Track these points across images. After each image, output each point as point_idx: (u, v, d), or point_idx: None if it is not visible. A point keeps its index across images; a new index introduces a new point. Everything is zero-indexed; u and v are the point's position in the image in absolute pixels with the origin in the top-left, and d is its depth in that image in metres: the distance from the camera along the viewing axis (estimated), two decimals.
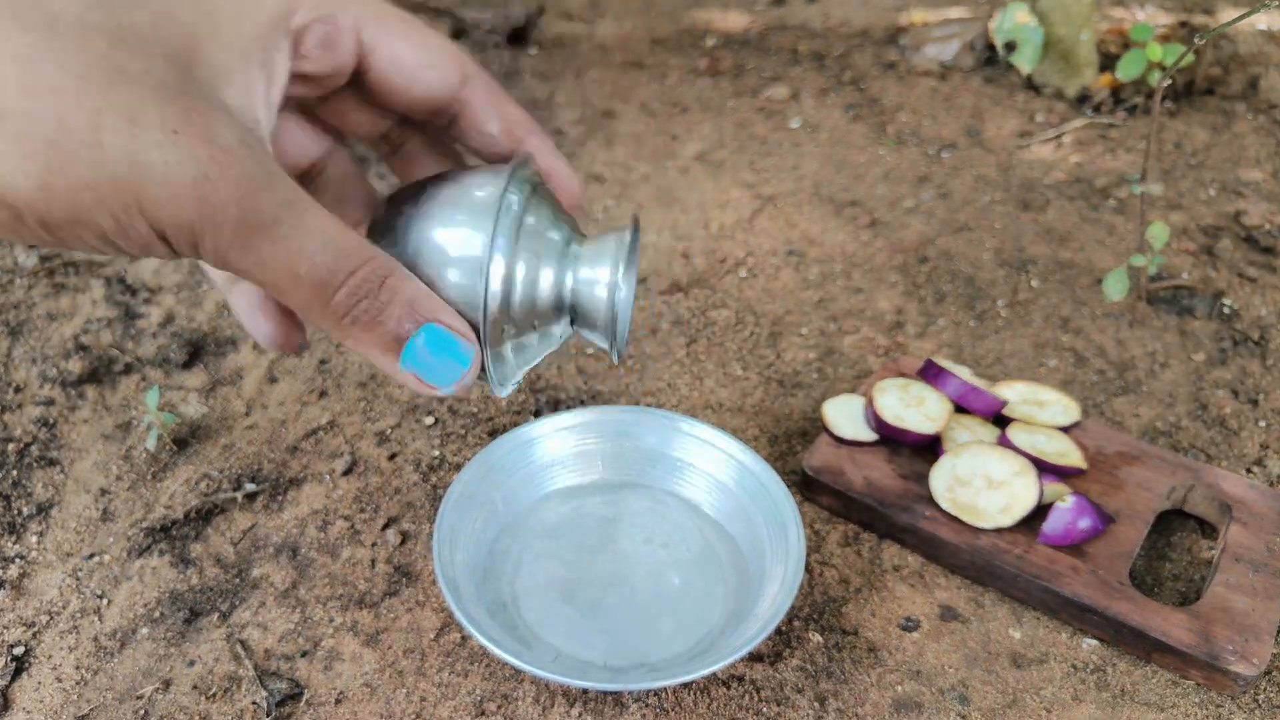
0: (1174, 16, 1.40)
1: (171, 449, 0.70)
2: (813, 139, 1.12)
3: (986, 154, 1.09)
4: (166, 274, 0.86)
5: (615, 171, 1.05)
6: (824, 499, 0.64)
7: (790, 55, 1.33)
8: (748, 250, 0.92)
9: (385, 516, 0.65)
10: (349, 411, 0.73)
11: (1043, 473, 0.60)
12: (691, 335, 0.81)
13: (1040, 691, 0.54)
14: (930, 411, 0.64)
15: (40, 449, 0.70)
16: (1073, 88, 1.19)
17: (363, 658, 0.56)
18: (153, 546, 0.63)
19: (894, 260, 0.91)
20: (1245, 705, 0.53)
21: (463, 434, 0.71)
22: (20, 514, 0.65)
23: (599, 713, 0.53)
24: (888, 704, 0.53)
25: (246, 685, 0.54)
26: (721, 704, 0.53)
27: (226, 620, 0.58)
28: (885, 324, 0.82)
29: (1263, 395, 0.74)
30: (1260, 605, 0.54)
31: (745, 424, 0.72)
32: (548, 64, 1.29)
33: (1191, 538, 0.63)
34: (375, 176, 1.00)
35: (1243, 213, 0.95)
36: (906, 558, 0.61)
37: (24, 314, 0.80)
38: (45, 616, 0.59)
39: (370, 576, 0.61)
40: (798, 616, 0.58)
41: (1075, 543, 0.58)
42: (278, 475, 0.68)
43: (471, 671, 0.55)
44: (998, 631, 0.57)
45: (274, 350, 0.42)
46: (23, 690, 0.55)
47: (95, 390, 0.75)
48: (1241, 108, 1.15)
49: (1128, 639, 0.55)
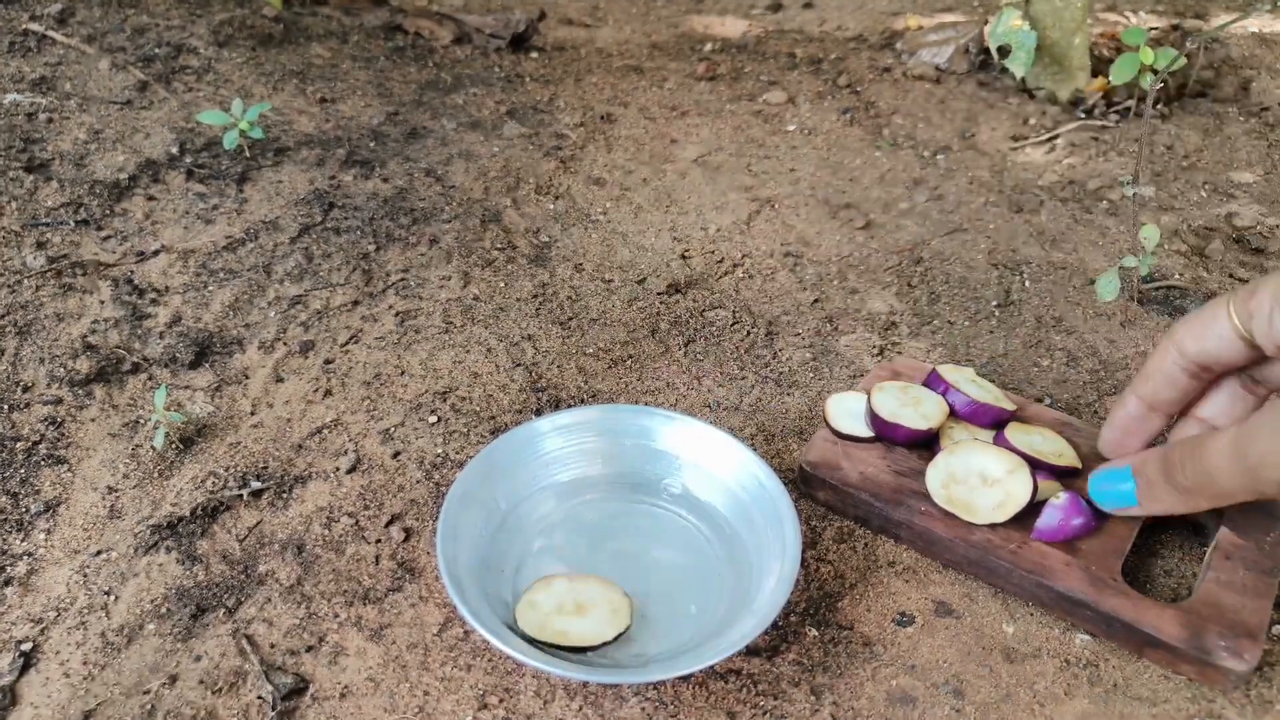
0: (1166, 20, 1.41)
1: (178, 447, 0.71)
2: (809, 142, 1.13)
3: (980, 157, 1.10)
4: (173, 275, 0.87)
5: (615, 174, 1.06)
6: (820, 494, 0.65)
7: (787, 60, 1.34)
8: (745, 252, 0.93)
9: (389, 513, 0.65)
10: (353, 410, 0.74)
11: (1037, 470, 0.61)
12: (689, 335, 0.82)
13: (1033, 686, 0.55)
14: (926, 411, 0.65)
15: (48, 447, 0.71)
16: (1066, 91, 1.20)
17: (367, 652, 0.57)
18: (159, 543, 0.64)
19: (889, 262, 0.92)
20: (1237, 701, 0.54)
21: (465, 432, 0.72)
22: (28, 511, 0.66)
23: (599, 705, 0.54)
24: (883, 698, 0.54)
25: (252, 680, 0.55)
26: (719, 697, 0.54)
27: (232, 616, 0.59)
28: (880, 324, 0.83)
29: None
30: (1251, 602, 0.55)
31: (742, 422, 0.73)
32: (548, 69, 1.30)
33: (1183, 535, 0.64)
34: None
35: (1234, 214, 0.96)
36: (901, 553, 0.62)
37: (32, 314, 0.81)
38: (53, 613, 0.60)
39: (374, 573, 0.61)
40: (794, 611, 0.59)
41: (1068, 539, 0.59)
42: (283, 473, 0.69)
43: (474, 666, 0.56)
44: (991, 626, 0.58)
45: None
46: (30, 686, 0.55)
47: (103, 390, 0.76)
48: (1233, 111, 1.16)
49: (1120, 634, 0.55)
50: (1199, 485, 0.52)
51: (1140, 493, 0.56)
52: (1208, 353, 0.55)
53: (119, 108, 1.08)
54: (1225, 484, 0.51)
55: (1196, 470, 0.52)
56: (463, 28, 1.35)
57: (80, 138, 1.02)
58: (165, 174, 0.99)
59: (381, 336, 0.81)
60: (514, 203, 1.00)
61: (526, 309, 0.85)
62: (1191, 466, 0.52)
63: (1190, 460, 0.53)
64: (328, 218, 0.95)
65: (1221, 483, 0.51)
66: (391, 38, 1.33)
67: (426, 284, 0.88)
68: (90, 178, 0.97)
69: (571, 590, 0.56)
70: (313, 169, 1.03)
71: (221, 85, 1.15)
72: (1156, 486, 0.55)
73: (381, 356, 0.79)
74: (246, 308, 0.84)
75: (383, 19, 1.37)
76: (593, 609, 0.55)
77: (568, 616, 0.55)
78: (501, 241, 0.94)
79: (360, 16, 1.37)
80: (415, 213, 0.97)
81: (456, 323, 0.83)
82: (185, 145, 1.03)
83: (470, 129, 1.13)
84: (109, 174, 0.98)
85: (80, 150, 1.01)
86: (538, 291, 0.87)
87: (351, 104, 1.16)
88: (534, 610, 0.55)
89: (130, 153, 1.01)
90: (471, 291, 0.87)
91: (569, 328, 0.83)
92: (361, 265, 0.90)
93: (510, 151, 1.09)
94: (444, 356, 0.79)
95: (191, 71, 1.17)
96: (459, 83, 1.24)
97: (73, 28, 1.20)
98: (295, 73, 1.20)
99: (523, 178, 1.04)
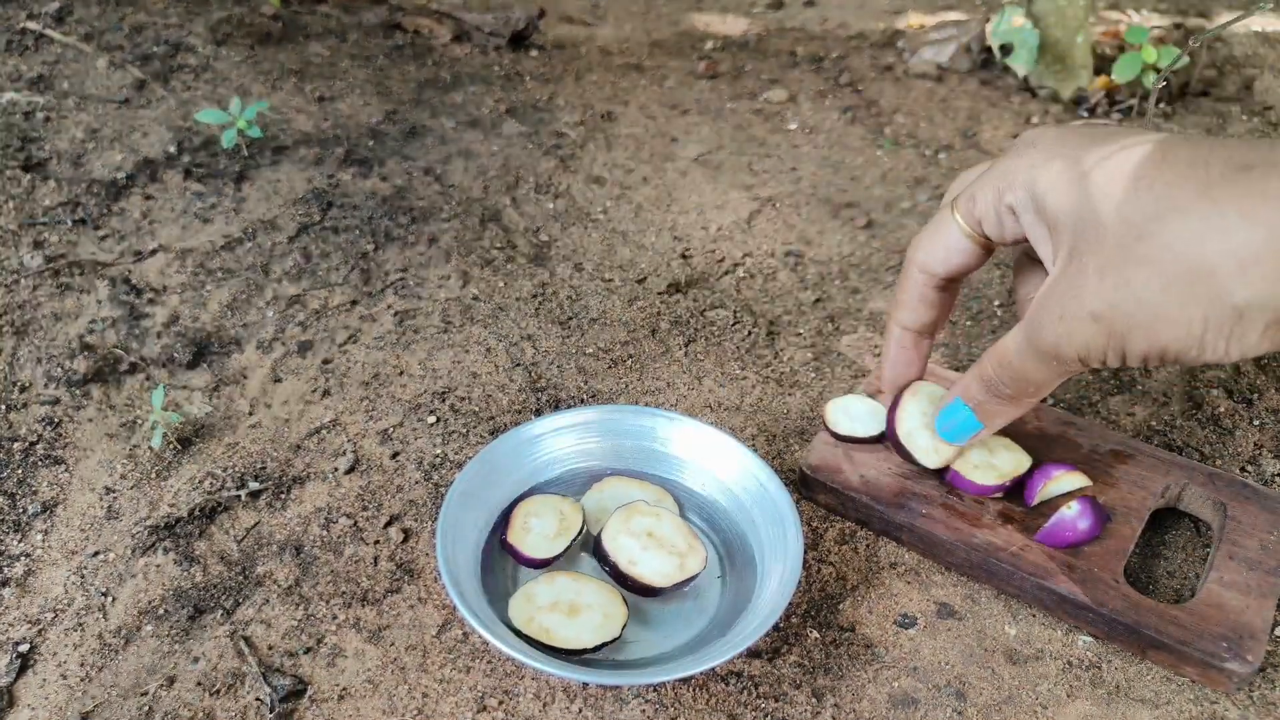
0: (1169, 19, 1.41)
1: (176, 448, 0.70)
2: (810, 141, 1.13)
3: (983, 156, 1.09)
4: (171, 274, 0.87)
5: (615, 173, 1.05)
6: (821, 497, 0.65)
7: (788, 58, 1.34)
8: (746, 251, 0.93)
9: (388, 514, 0.65)
10: (352, 410, 0.74)
11: (1038, 470, 0.61)
12: (690, 335, 0.82)
13: (1036, 688, 0.54)
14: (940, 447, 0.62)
15: (45, 448, 0.70)
16: (1068, 90, 1.20)
17: (365, 654, 0.56)
18: (157, 544, 0.63)
19: (891, 261, 0.91)
20: (1240, 702, 0.53)
21: (464, 432, 0.72)
22: (25, 512, 0.66)
23: (599, 708, 0.53)
24: (884, 700, 0.54)
25: (250, 682, 0.55)
26: (720, 699, 0.54)
27: (230, 617, 0.59)
28: (882, 324, 0.83)
29: (1257, 395, 0.75)
30: (1255, 603, 0.55)
31: (743, 423, 0.73)
32: (548, 67, 1.30)
33: (1186, 536, 0.64)
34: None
35: None
36: (903, 555, 0.62)
37: (29, 314, 0.81)
38: (50, 614, 0.59)
39: (373, 574, 0.61)
40: (795, 613, 0.58)
41: (1072, 544, 0.58)
42: (281, 474, 0.68)
43: (473, 668, 0.56)
44: (993, 628, 0.58)
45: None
46: (27, 687, 0.55)
47: (100, 390, 0.75)
48: (1236, 110, 1.16)
49: (1122, 636, 0.55)
50: (1018, 387, 0.53)
51: (978, 415, 0.57)
52: (949, 264, 0.57)
53: (116, 106, 1.08)
54: (1038, 377, 0.52)
55: (1010, 376, 0.53)
56: (462, 25, 1.35)
57: (77, 136, 1.02)
58: (163, 173, 0.99)
59: (380, 336, 0.81)
60: (513, 202, 1.00)
61: (526, 308, 0.84)
62: (1004, 374, 0.53)
63: (1000, 370, 0.53)
64: (326, 217, 0.95)
65: (1035, 378, 0.52)
66: (390, 36, 1.33)
67: (425, 283, 0.87)
68: (87, 177, 0.97)
69: (571, 589, 0.56)
70: (311, 168, 1.02)
71: (219, 84, 1.15)
72: (986, 403, 0.56)
73: (380, 356, 0.79)
74: (244, 307, 0.84)
75: (381, 17, 1.37)
76: (585, 612, 0.55)
77: (558, 615, 0.54)
78: (501, 241, 0.93)
79: (359, 14, 1.37)
80: (414, 212, 0.97)
81: (455, 322, 0.83)
82: (183, 144, 1.03)
83: (469, 127, 1.12)
84: (106, 173, 0.98)
85: (77, 149, 1.00)
86: (537, 291, 0.87)
87: (350, 102, 1.15)
88: (528, 602, 0.55)
89: (128, 151, 1.01)
90: (471, 291, 0.86)
91: (569, 327, 0.82)
92: (360, 265, 0.89)
93: (510, 150, 1.08)
94: (443, 356, 0.79)
95: (189, 70, 1.16)
96: (458, 81, 1.23)
97: (70, 26, 1.19)
98: (293, 71, 1.20)
99: (522, 176, 1.04)
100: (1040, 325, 0.49)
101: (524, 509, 0.60)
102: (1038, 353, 0.50)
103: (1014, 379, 0.53)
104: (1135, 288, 0.44)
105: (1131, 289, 0.44)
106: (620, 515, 0.58)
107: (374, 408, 0.74)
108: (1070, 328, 0.47)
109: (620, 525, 0.58)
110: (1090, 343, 0.47)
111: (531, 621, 0.54)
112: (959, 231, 0.55)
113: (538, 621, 0.54)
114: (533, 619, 0.54)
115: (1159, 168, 0.45)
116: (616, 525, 0.58)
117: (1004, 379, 0.53)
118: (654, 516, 0.58)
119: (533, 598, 0.55)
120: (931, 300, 0.59)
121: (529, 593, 0.55)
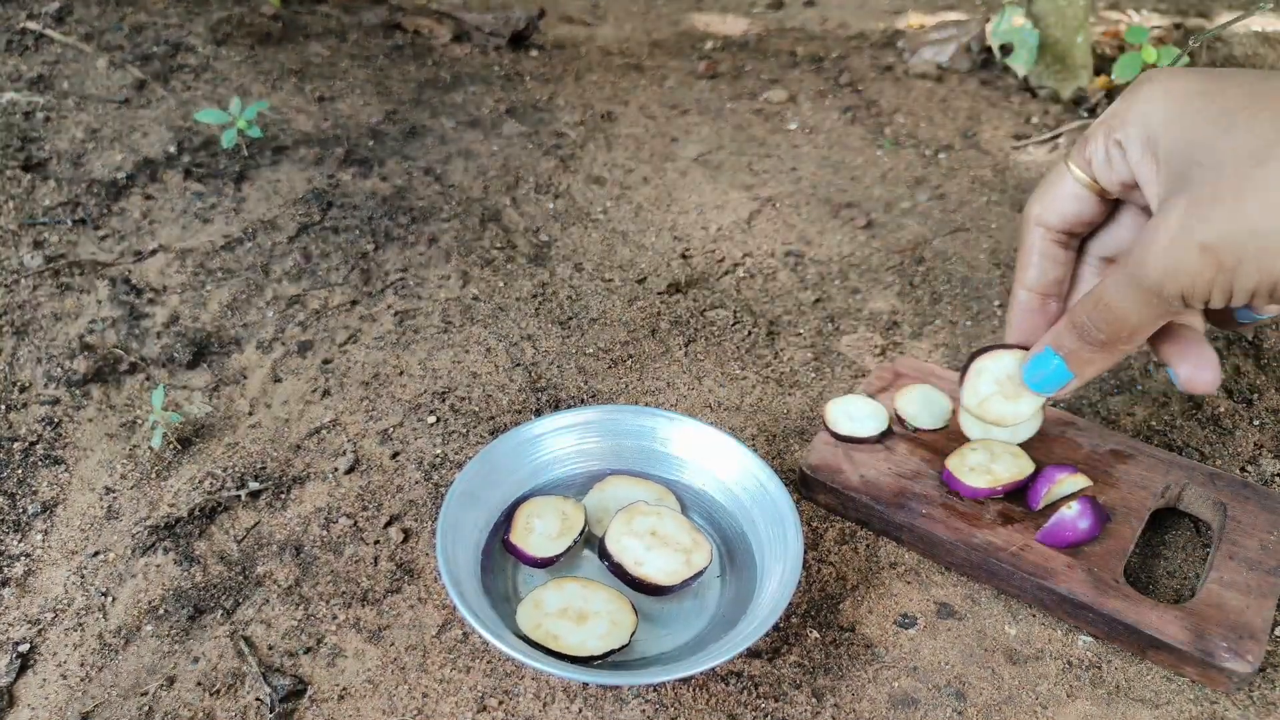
0: (1169, 19, 1.41)
1: (176, 448, 0.70)
2: (810, 141, 1.13)
3: (983, 155, 1.09)
4: (171, 274, 0.87)
5: (615, 173, 1.05)
6: (821, 497, 0.65)
7: (788, 58, 1.34)
8: (746, 251, 0.93)
9: (388, 514, 0.65)
10: (352, 410, 0.74)
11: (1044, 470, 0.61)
12: (690, 335, 0.82)
13: (1035, 688, 0.54)
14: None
15: (45, 448, 0.70)
16: (1068, 90, 1.20)
17: (365, 654, 0.56)
18: (157, 544, 0.63)
19: (890, 261, 0.91)
20: (1240, 702, 0.53)
21: (464, 432, 0.72)
22: (25, 512, 0.66)
23: (599, 708, 0.53)
24: (884, 700, 0.54)
25: (250, 682, 0.55)
26: (720, 699, 0.54)
27: (230, 617, 0.59)
28: (881, 324, 0.83)
29: (1257, 395, 0.75)
30: (1254, 603, 0.55)
31: (743, 423, 0.73)
32: (548, 67, 1.30)
33: (1186, 536, 0.64)
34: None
35: None
36: (903, 555, 0.62)
37: (29, 314, 0.81)
38: (50, 614, 0.59)
39: (373, 574, 0.61)
40: (796, 613, 0.58)
41: (1072, 544, 0.58)
42: (281, 474, 0.68)
43: (473, 668, 0.56)
44: (993, 628, 0.58)
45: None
46: (27, 687, 0.55)
47: (100, 390, 0.75)
48: None
49: (1122, 636, 0.55)
50: (1114, 332, 0.52)
51: (1070, 364, 0.55)
52: (1067, 216, 0.56)
53: (116, 106, 1.08)
54: (1136, 319, 0.50)
55: (1105, 319, 0.52)
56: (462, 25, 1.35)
57: (78, 136, 1.02)
58: (163, 173, 0.99)
59: (380, 336, 0.81)
60: (513, 202, 1.00)
61: (526, 309, 0.84)
62: (1099, 318, 0.52)
63: (1095, 313, 0.52)
64: (326, 217, 0.95)
65: (1132, 320, 0.50)
66: (390, 36, 1.33)
67: (425, 283, 0.87)
68: (87, 177, 0.97)
69: (581, 595, 0.56)
70: (311, 168, 1.02)
71: (219, 84, 1.15)
72: (1079, 352, 0.54)
73: (380, 356, 0.79)
74: (244, 307, 0.84)
75: (381, 17, 1.37)
76: (593, 619, 0.54)
77: (566, 621, 0.54)
78: (501, 241, 0.93)
79: (359, 14, 1.37)
80: (414, 212, 0.97)
81: (455, 322, 0.83)
82: (183, 144, 1.03)
83: (469, 127, 1.12)
84: (106, 173, 0.98)
85: (77, 149, 1.00)
86: (537, 291, 0.87)
87: (350, 102, 1.15)
88: (536, 608, 0.55)
89: (128, 151, 1.01)
90: (470, 291, 0.86)
91: (569, 327, 0.82)
92: (360, 265, 0.89)
93: (509, 150, 1.08)
94: (443, 356, 0.79)
95: (189, 70, 1.16)
96: (458, 81, 1.23)
97: (70, 26, 1.19)
98: (293, 71, 1.20)
99: (522, 176, 1.04)
100: (1144, 259, 0.47)
101: (526, 510, 0.60)
102: (1139, 290, 0.48)
103: (1110, 321, 0.51)
104: (1251, 216, 0.42)
105: (1246, 218, 0.42)
106: (622, 517, 0.58)
107: (374, 408, 0.74)
108: (1176, 260, 0.45)
109: (623, 527, 0.58)
110: (1197, 277, 0.45)
111: (539, 627, 0.54)
112: (1071, 180, 0.54)
113: (545, 628, 0.54)
114: (540, 625, 0.54)
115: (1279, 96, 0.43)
116: (619, 527, 0.58)
117: (1099, 322, 0.52)
118: (655, 515, 0.58)
119: (541, 604, 0.55)
120: (1053, 256, 0.57)
121: (537, 599, 0.55)
